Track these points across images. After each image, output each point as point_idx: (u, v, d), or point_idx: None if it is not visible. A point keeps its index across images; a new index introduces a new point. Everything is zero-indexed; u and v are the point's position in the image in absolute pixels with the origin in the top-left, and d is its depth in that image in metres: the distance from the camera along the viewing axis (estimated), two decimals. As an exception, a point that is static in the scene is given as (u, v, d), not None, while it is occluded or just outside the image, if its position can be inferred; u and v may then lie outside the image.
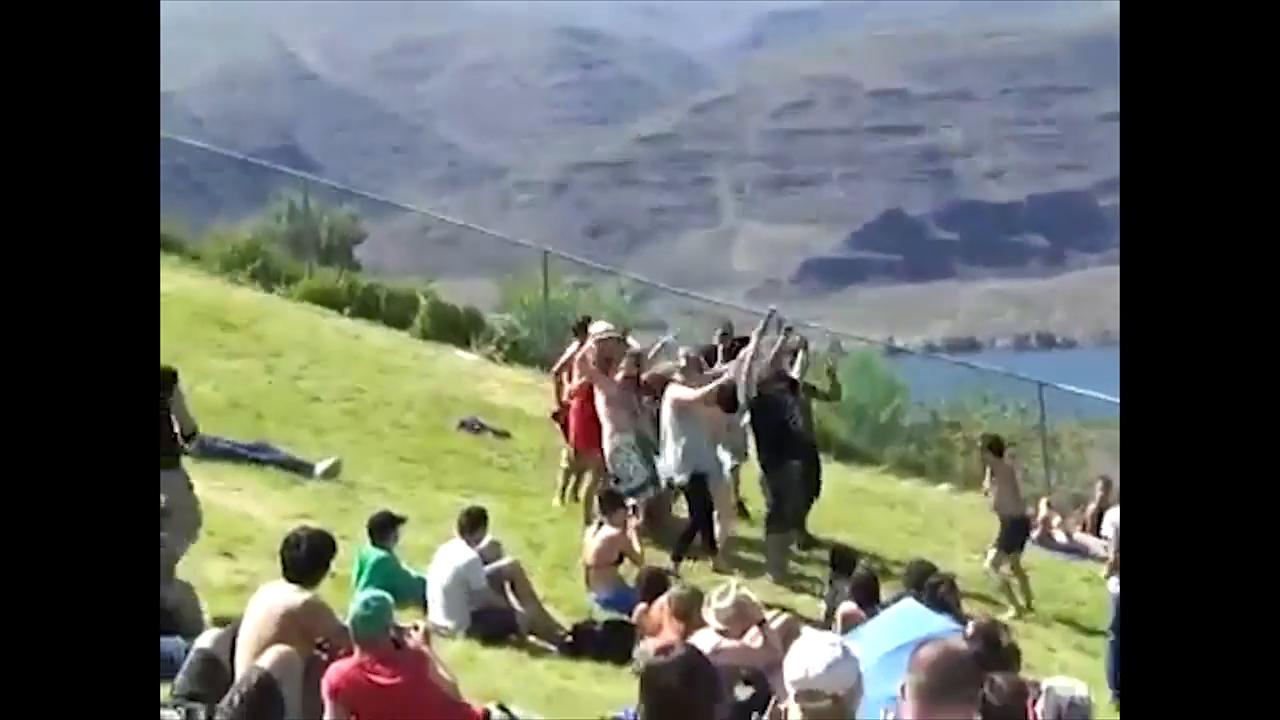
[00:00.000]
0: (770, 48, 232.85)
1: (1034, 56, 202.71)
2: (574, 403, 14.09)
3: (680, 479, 13.19)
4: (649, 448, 13.53)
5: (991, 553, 14.09)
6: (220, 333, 18.58)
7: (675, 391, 13.20)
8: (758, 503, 14.41)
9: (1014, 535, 14.04)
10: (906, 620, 8.54)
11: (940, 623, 8.60)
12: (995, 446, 14.35)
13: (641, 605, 10.30)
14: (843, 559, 12.15)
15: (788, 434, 13.51)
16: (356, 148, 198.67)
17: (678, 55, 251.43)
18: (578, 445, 14.09)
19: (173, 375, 9.64)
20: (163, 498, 9.31)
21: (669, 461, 13.24)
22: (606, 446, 13.37)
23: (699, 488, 13.15)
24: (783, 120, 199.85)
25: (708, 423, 13.46)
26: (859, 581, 11.20)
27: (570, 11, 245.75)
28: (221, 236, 24.03)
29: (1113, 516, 12.76)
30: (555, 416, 14.94)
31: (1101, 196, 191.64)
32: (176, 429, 9.67)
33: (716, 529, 13.39)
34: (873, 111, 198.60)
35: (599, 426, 13.55)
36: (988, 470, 14.34)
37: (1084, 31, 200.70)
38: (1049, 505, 17.69)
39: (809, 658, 5.04)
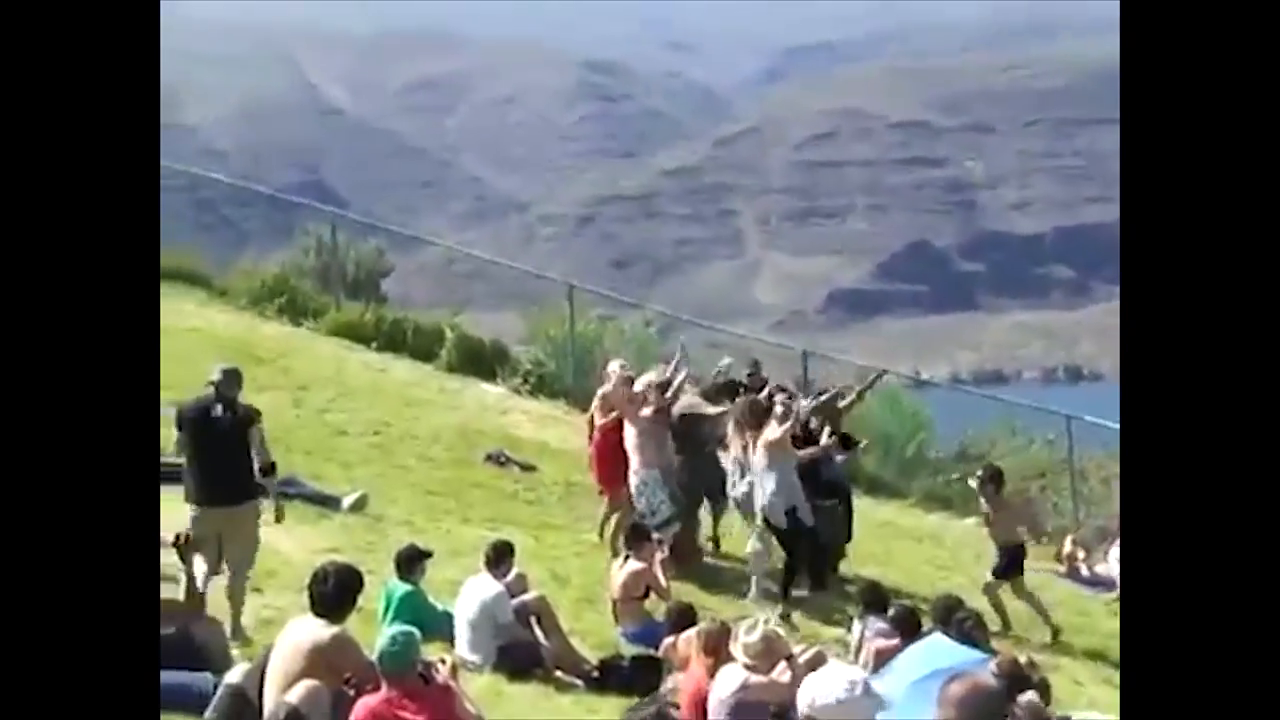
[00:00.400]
0: (792, 81, 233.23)
1: (1056, 88, 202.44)
2: (596, 439, 14.14)
3: (775, 517, 13.17)
4: (673, 481, 13.57)
5: (987, 578, 14.11)
6: (248, 366, 18.58)
7: (769, 433, 13.18)
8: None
9: (1010, 563, 14.04)
10: (935, 652, 8.54)
11: (967, 655, 8.58)
12: (995, 479, 14.34)
13: (669, 640, 10.27)
14: (873, 595, 12.12)
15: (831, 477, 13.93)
16: (382, 182, 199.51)
17: (700, 88, 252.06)
18: (600, 482, 14.16)
19: (256, 412, 10.33)
20: (226, 529, 9.94)
21: (758, 500, 13.21)
22: (632, 480, 13.42)
23: (794, 524, 13.14)
24: (805, 152, 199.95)
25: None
26: (900, 616, 11.16)
27: (592, 45, 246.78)
28: (248, 271, 24.20)
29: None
30: None
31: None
32: (256, 464, 10.14)
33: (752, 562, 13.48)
34: (896, 144, 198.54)
35: (621, 462, 13.61)
36: (983, 500, 14.39)
37: (1107, 63, 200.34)
38: (1074, 541, 17.62)
39: (818, 690, 5.04)
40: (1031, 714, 6.22)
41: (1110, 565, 17.11)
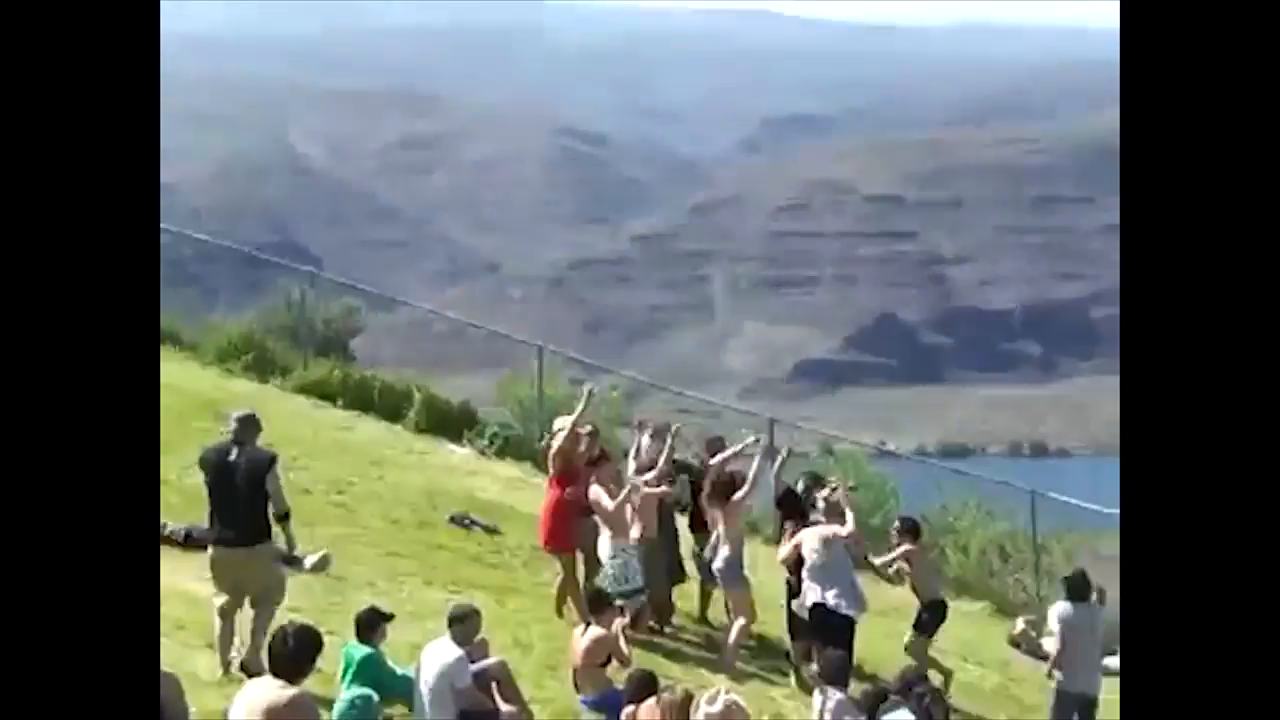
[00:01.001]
0: (768, 151, 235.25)
1: (1034, 166, 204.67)
2: (547, 499, 14.13)
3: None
4: (643, 553, 13.69)
5: (908, 635, 14.07)
6: (214, 423, 18.55)
7: (827, 530, 13.30)
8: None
9: (932, 619, 14.04)
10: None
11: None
12: (912, 530, 14.37)
13: (629, 708, 10.22)
14: (833, 669, 12.11)
15: None
16: (355, 241, 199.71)
17: (676, 156, 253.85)
18: (552, 542, 14.08)
19: (272, 458, 10.78)
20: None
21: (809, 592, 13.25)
22: (605, 550, 13.46)
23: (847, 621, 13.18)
24: (779, 222, 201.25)
25: None
26: (866, 695, 11.19)
27: (570, 112, 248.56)
28: (218, 328, 24.16)
29: (1059, 611, 12.83)
30: None
31: (1095, 307, 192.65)
32: (271, 509, 10.57)
33: (734, 632, 13.49)
34: (868, 216, 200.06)
35: (569, 523, 13.66)
36: (899, 551, 14.24)
37: (1086, 141, 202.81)
38: (1026, 622, 17.66)
39: None
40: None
41: None
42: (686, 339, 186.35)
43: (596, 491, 13.71)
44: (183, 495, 14.55)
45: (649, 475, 14.01)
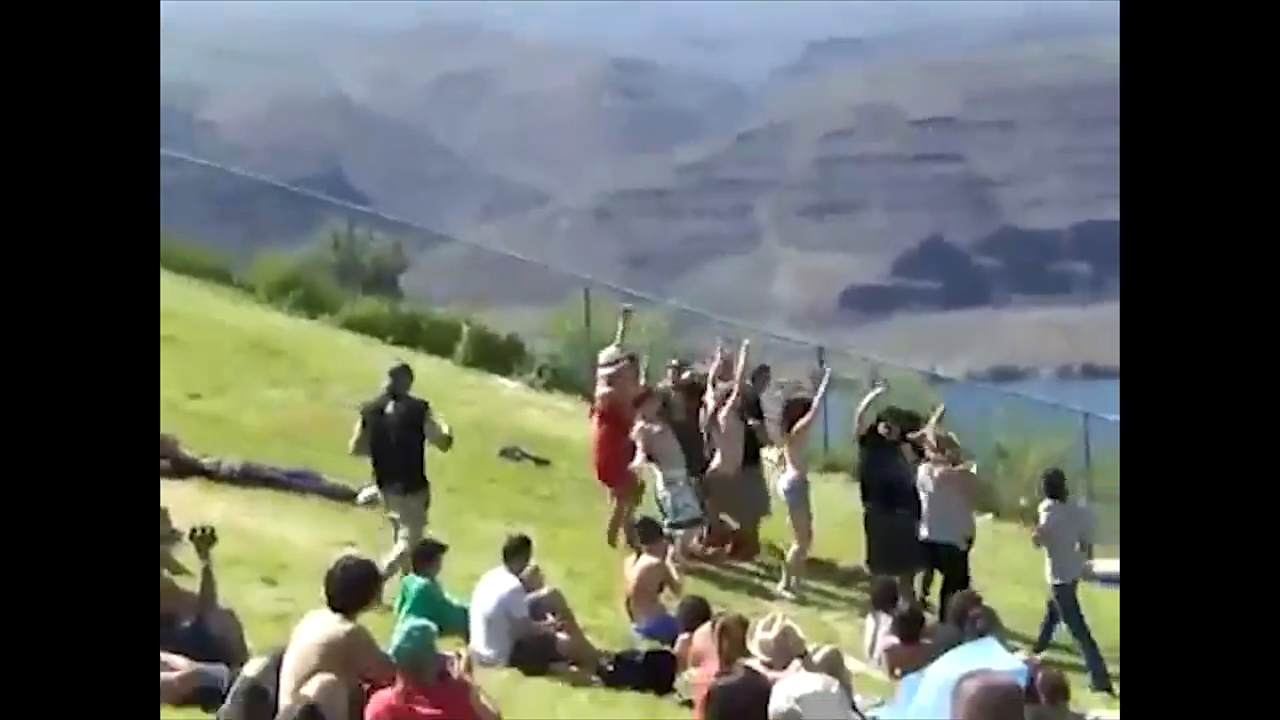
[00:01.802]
0: (814, 76, 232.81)
1: (1080, 86, 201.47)
2: (601, 432, 14.13)
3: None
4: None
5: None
6: (265, 360, 18.71)
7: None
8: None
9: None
10: (973, 655, 8.39)
11: (1006, 660, 8.43)
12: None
13: (684, 635, 10.27)
14: (883, 593, 12.16)
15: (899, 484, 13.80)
16: (402, 177, 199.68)
17: (721, 84, 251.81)
18: (607, 477, 14.11)
19: (425, 404, 11.73)
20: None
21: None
22: (659, 479, 13.50)
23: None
24: (824, 148, 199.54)
25: None
26: (903, 617, 11.18)
27: (617, 42, 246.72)
28: (267, 265, 24.26)
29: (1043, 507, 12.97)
30: None
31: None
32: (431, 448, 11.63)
33: (791, 554, 13.59)
34: (915, 139, 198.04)
35: (618, 457, 13.67)
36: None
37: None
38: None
39: (795, 684, 5.10)
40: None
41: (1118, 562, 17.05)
42: (733, 268, 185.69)
43: (639, 429, 13.71)
44: (238, 432, 14.69)
45: (725, 409, 14.04)
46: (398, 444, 11.44)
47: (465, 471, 15.77)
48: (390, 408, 11.54)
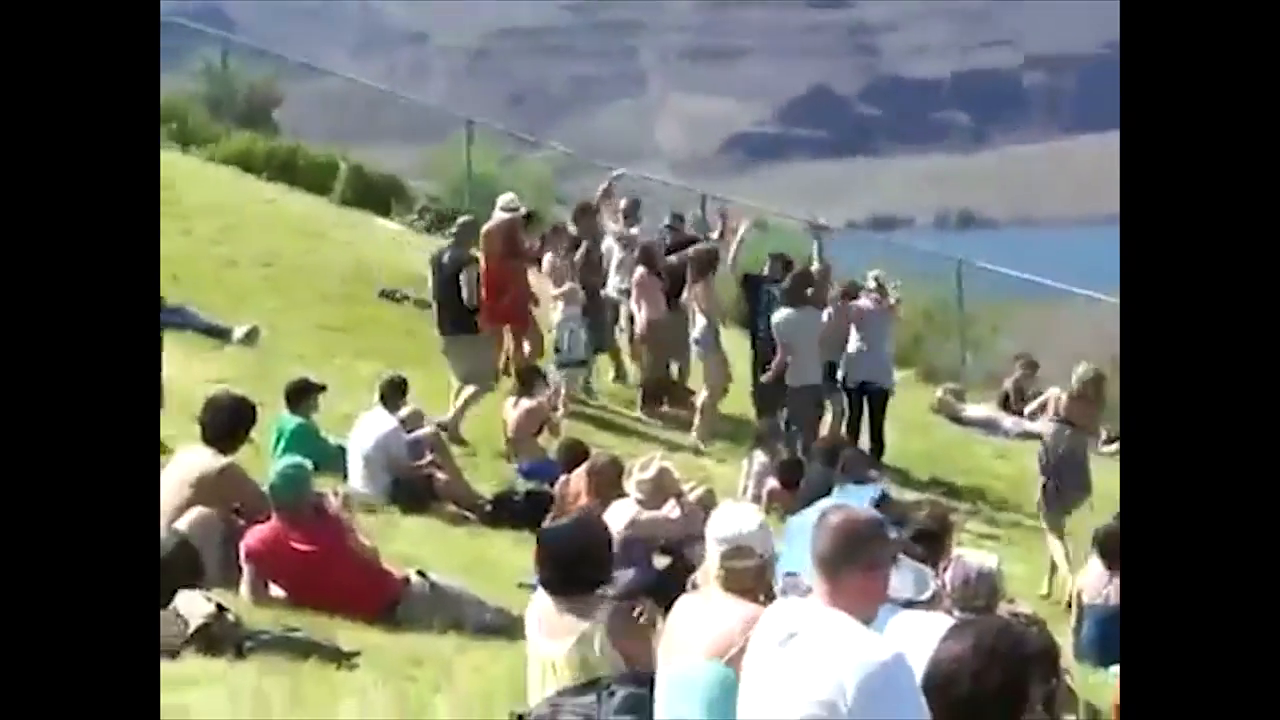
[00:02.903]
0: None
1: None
2: (486, 275, 14.00)
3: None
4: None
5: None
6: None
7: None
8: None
9: None
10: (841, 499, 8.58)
11: (863, 496, 8.65)
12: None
13: (565, 476, 10.36)
14: (763, 435, 12.37)
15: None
16: (276, 8, 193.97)
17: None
18: (500, 318, 14.04)
19: (469, 259, 12.99)
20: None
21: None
22: (555, 318, 13.55)
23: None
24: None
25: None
26: (783, 463, 11.38)
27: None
28: (135, 95, 23.49)
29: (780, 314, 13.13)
30: None
31: (1025, 75, 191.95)
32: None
33: (701, 399, 13.82)
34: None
35: (521, 297, 13.67)
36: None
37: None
38: (947, 389, 17.92)
39: (740, 518, 5.17)
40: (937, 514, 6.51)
41: (990, 408, 17.53)
42: (616, 112, 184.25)
43: (549, 263, 13.76)
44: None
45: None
46: (444, 292, 12.86)
47: (344, 312, 15.62)
48: (445, 258, 13.01)
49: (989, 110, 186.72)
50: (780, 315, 13.08)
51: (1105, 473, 11.43)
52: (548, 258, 13.85)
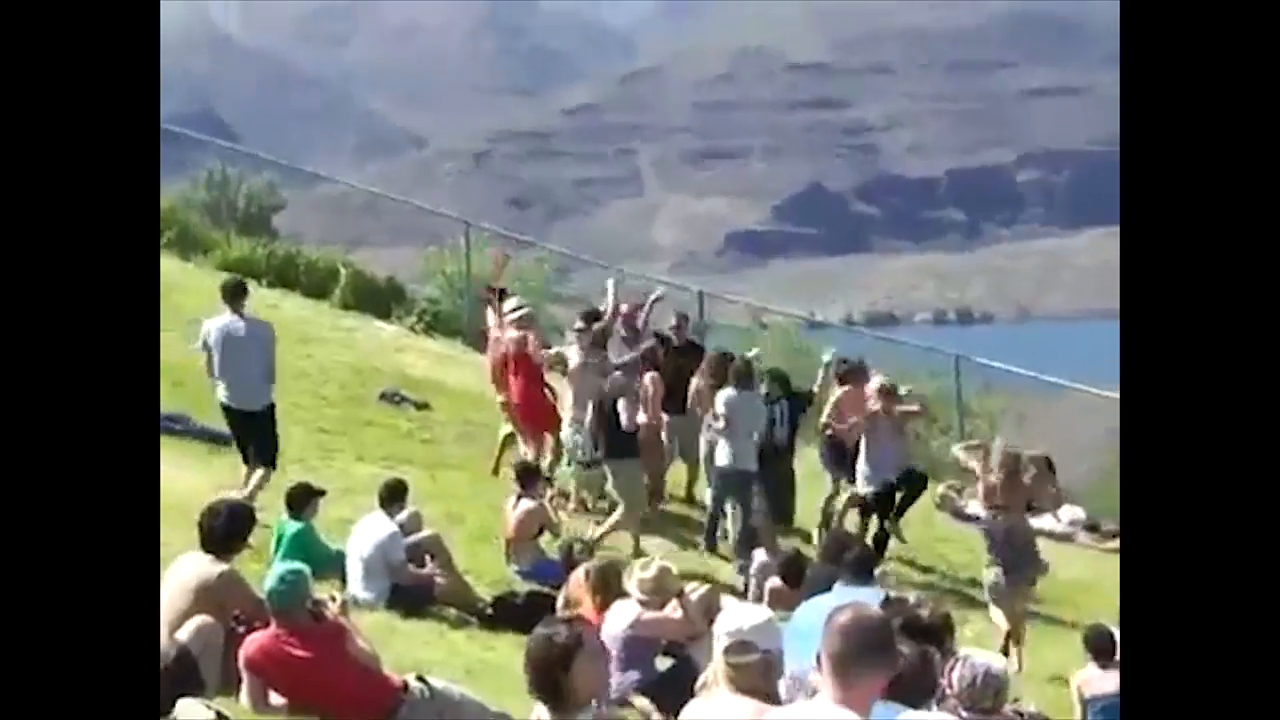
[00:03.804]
0: (694, 20, 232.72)
1: (957, 31, 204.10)
2: (516, 382, 14.03)
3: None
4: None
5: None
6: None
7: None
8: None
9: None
10: (845, 596, 8.52)
11: (868, 597, 8.62)
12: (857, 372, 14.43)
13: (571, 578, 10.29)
14: (747, 536, 12.37)
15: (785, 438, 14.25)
16: (276, 114, 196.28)
17: (602, 26, 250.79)
18: (525, 421, 14.04)
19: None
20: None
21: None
22: (566, 419, 13.56)
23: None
24: (705, 93, 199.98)
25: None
26: (785, 560, 11.33)
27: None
28: (137, 204, 23.72)
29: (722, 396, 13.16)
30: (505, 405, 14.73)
31: (1019, 172, 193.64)
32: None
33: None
34: (795, 85, 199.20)
35: (544, 400, 13.84)
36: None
37: (1007, 6, 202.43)
38: (949, 486, 17.90)
39: (743, 615, 5.16)
40: (916, 653, 6.38)
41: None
42: (615, 213, 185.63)
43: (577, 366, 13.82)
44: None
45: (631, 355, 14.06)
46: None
47: (343, 415, 15.64)
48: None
49: (985, 207, 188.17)
50: (723, 395, 13.19)
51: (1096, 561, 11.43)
52: (574, 360, 13.88)
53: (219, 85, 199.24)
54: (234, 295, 11.87)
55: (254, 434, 11.74)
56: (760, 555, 12.03)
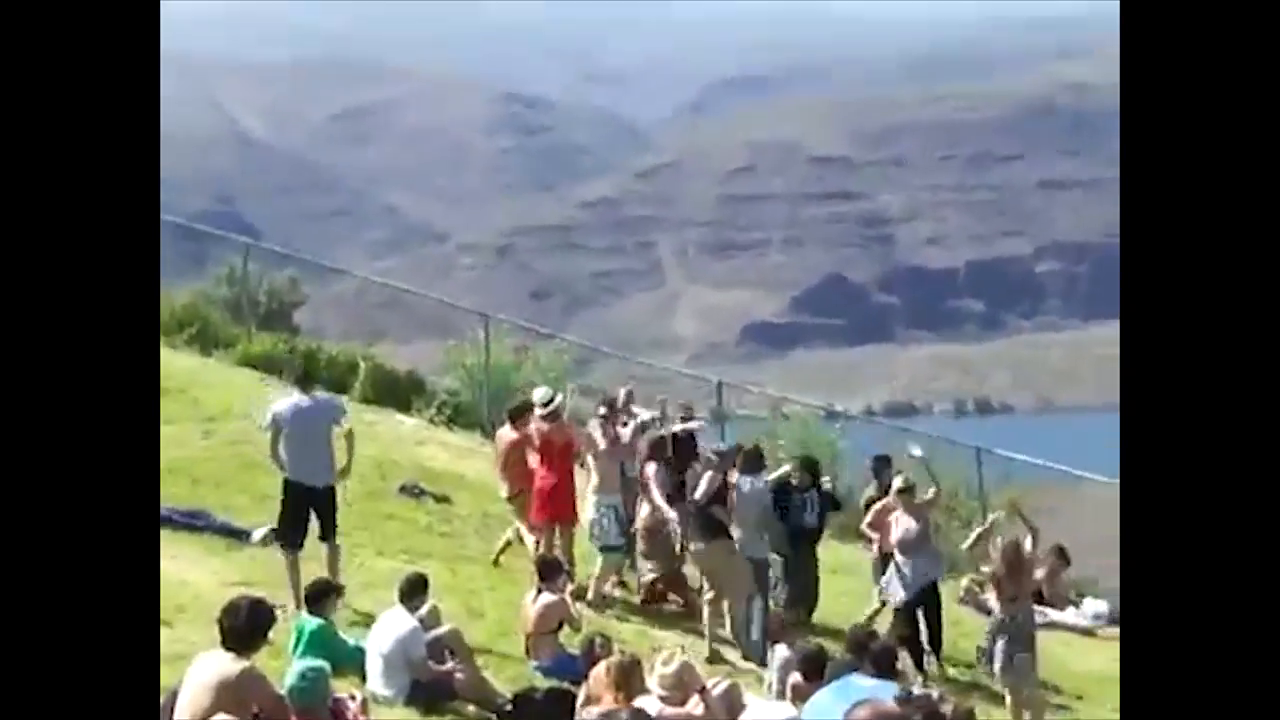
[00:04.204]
0: (713, 114, 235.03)
1: (975, 123, 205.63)
2: (542, 473, 14.03)
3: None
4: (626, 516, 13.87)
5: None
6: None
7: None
8: None
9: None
10: (849, 693, 8.51)
11: (883, 691, 8.58)
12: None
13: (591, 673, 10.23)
14: (784, 629, 12.26)
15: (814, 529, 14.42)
16: (298, 212, 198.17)
17: (621, 121, 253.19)
18: (552, 515, 14.01)
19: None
20: None
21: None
22: (591, 505, 13.57)
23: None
24: (725, 186, 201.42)
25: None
26: (805, 655, 11.24)
27: (513, 77, 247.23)
28: (160, 301, 23.90)
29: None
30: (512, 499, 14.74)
31: (1038, 262, 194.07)
32: None
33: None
34: (814, 177, 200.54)
35: (572, 493, 13.86)
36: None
37: (1024, 98, 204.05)
38: (971, 579, 17.81)
39: (765, 711, 5.14)
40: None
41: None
42: (634, 305, 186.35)
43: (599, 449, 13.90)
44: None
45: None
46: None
47: (364, 509, 15.62)
48: None
49: (1004, 298, 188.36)
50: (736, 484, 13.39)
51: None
52: (601, 445, 13.92)
53: (243, 186, 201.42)
54: (303, 380, 12.45)
55: (319, 510, 11.98)
56: (782, 650, 11.94)
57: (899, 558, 13.86)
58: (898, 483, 14.33)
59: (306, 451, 11.86)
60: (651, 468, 14.01)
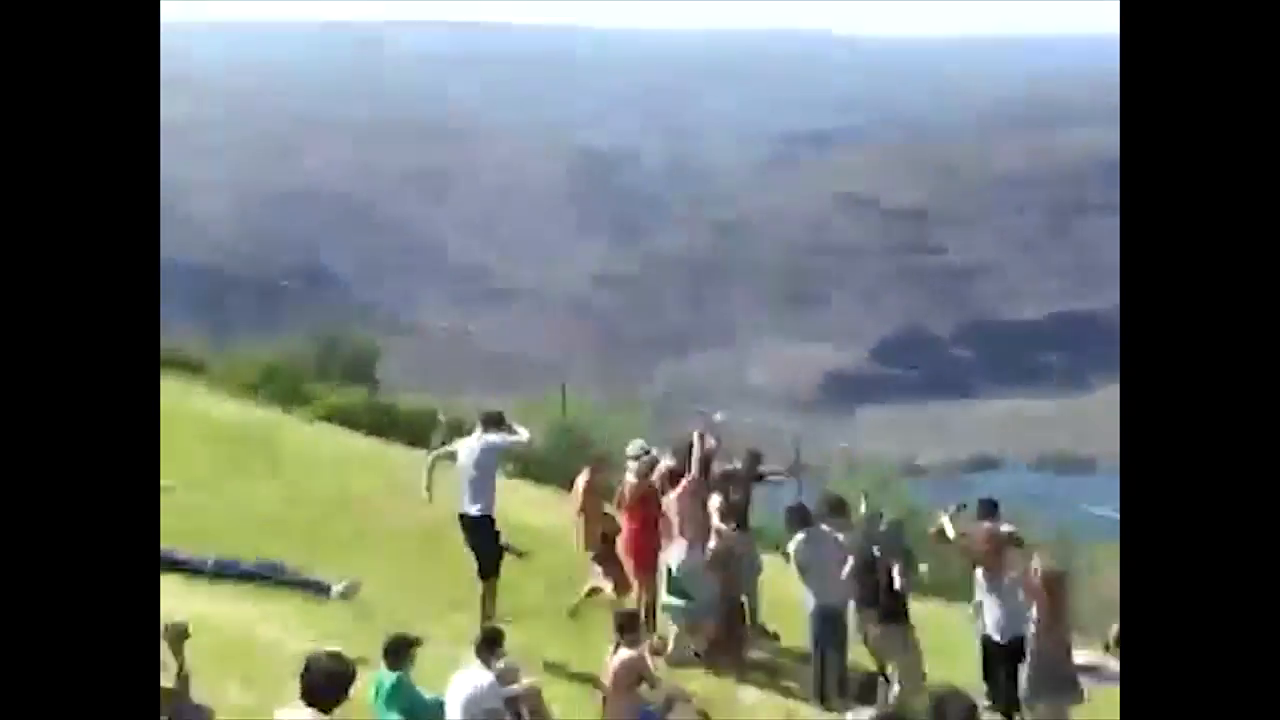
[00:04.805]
0: (789, 167, 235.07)
1: (1053, 175, 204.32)
2: (633, 529, 14.10)
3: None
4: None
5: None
6: (239, 452, 18.66)
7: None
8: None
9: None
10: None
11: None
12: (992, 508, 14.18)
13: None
14: (864, 687, 12.11)
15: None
16: (378, 267, 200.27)
17: (696, 174, 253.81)
18: (638, 566, 14.06)
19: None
20: None
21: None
22: (673, 561, 13.54)
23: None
24: (801, 238, 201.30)
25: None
26: (885, 716, 11.14)
27: (589, 133, 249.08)
28: (242, 357, 24.29)
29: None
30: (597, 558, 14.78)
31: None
32: None
33: None
34: (890, 230, 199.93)
35: (655, 546, 13.91)
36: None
37: (1104, 150, 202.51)
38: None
39: None
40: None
41: (1097, 653, 17.06)
42: (711, 357, 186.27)
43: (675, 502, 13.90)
44: (213, 526, 14.59)
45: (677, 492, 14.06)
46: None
47: (441, 563, 15.67)
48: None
49: (1084, 353, 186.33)
50: (794, 540, 13.35)
51: None
52: (688, 501, 13.94)
53: (321, 241, 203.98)
54: (486, 422, 13.58)
55: (478, 540, 13.15)
56: (862, 712, 11.80)
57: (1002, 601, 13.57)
58: (1006, 527, 14.15)
59: (479, 487, 13.59)
60: (715, 500, 14.09)
